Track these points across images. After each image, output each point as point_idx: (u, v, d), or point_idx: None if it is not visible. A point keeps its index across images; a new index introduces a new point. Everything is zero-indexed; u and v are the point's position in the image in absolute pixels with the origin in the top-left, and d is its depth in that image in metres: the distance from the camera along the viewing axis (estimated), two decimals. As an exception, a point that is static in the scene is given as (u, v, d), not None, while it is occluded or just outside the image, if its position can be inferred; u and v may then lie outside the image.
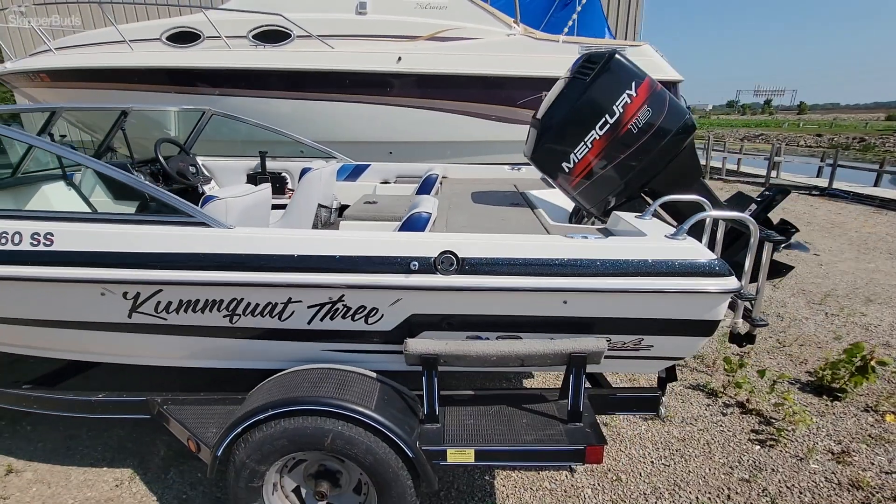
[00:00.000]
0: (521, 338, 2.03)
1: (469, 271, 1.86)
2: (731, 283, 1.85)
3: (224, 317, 1.99)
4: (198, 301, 1.96)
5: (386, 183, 4.08)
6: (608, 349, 2.06)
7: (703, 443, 2.82)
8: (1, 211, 2.05)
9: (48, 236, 1.90)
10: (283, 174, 4.10)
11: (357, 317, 1.97)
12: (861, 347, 3.24)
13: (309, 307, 1.95)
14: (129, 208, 3.37)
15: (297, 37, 5.14)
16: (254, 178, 4.03)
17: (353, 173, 4.18)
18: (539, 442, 1.90)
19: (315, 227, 3.53)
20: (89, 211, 1.99)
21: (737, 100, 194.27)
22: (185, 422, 2.10)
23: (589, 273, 1.86)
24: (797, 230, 2.83)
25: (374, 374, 2.07)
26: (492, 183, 3.75)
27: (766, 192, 2.86)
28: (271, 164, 4.13)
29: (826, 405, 3.16)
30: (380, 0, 5.28)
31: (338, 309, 1.96)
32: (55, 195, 2.79)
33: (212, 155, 4.35)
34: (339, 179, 4.16)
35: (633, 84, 2.39)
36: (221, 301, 1.95)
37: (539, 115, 2.73)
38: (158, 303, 1.98)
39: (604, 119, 2.40)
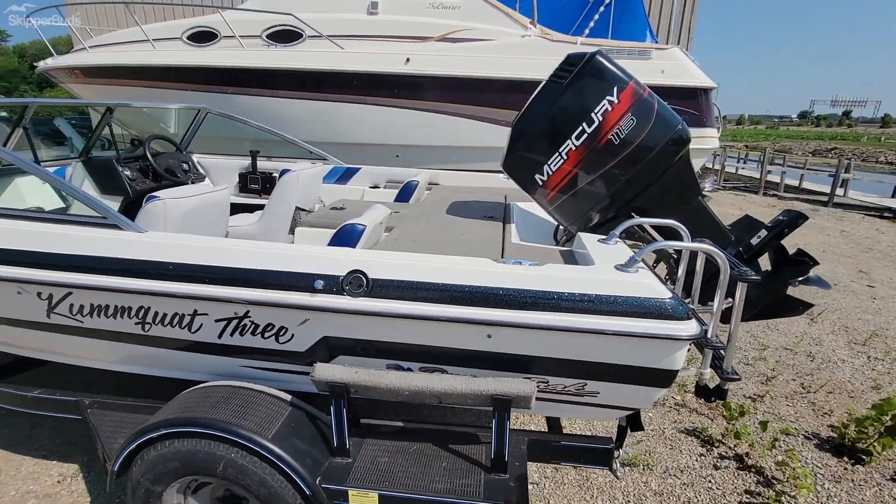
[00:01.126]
0: (445, 371, 1.81)
1: (379, 294, 1.66)
2: (688, 327, 1.55)
3: (136, 324, 1.90)
4: (108, 307, 1.88)
5: (375, 187, 3.94)
6: (548, 392, 1.80)
7: (682, 501, 2.45)
8: None
9: None
10: (274, 174, 4.05)
11: (267, 335, 1.82)
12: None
13: (217, 321, 1.82)
14: (114, 203, 3.42)
15: (309, 37, 5.13)
16: (245, 178, 4.01)
17: (344, 176, 4.07)
18: (450, 493, 1.67)
19: (292, 230, 3.45)
20: (12, 208, 1.98)
21: (810, 110, 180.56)
22: (100, 428, 2.03)
23: (514, 305, 1.61)
24: (815, 263, 2.42)
25: (288, 397, 1.91)
26: (481, 192, 3.51)
27: (781, 218, 2.47)
28: (264, 164, 4.09)
29: (845, 468, 2.69)
30: (392, 1, 5.18)
31: (245, 325, 1.81)
32: (28, 189, 2.86)
33: (214, 153, 4.38)
34: (329, 182, 4.06)
35: (615, 89, 2.10)
36: (131, 308, 1.86)
37: (513, 121, 2.48)
38: (72, 305, 1.91)
39: (581, 128, 2.12)
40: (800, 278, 2.60)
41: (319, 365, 1.75)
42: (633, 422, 2.04)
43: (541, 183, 2.29)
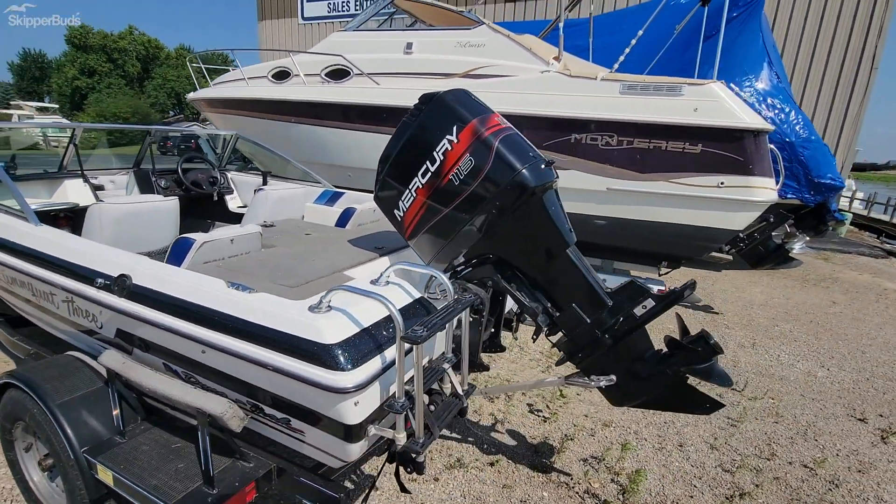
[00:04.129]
0: (197, 380, 1.95)
1: (137, 298, 1.90)
2: (342, 379, 1.46)
3: (31, 295, 2.47)
4: (15, 280, 2.49)
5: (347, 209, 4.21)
6: (267, 420, 1.82)
7: None
8: None
9: None
10: None
11: (87, 318, 2.20)
12: None
13: (63, 301, 2.27)
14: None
15: (356, 75, 5.73)
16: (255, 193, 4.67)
17: (331, 199, 4.44)
18: (155, 490, 1.80)
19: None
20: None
21: None
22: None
23: (212, 326, 1.70)
24: (718, 352, 2.02)
25: (105, 374, 2.24)
26: None
27: (675, 288, 2.08)
28: (273, 183, 4.71)
29: None
30: (425, 40, 5.50)
31: (77, 307, 2.22)
32: (73, 189, 3.85)
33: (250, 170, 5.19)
34: (320, 203, 4.47)
35: (455, 128, 2.06)
36: (28, 284, 2.44)
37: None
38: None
39: (425, 166, 2.12)
40: (695, 366, 2.13)
41: (106, 352, 2.06)
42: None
43: (399, 218, 2.30)
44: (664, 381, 2.13)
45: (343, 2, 15.86)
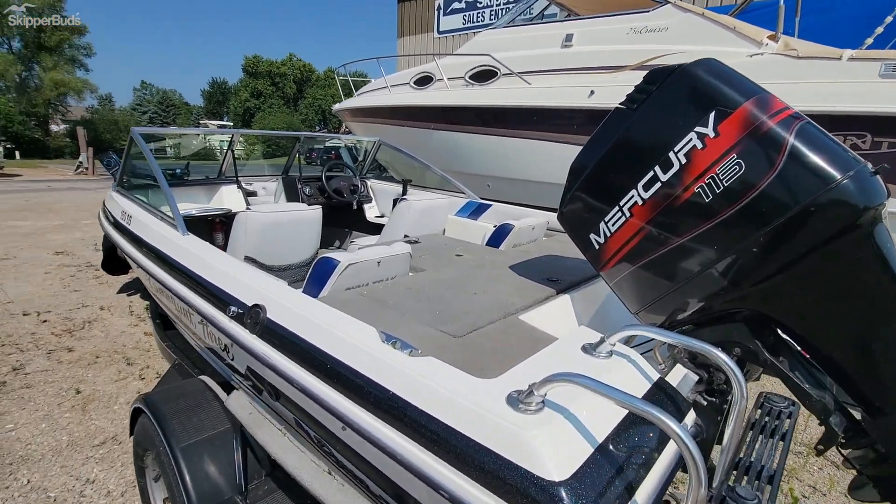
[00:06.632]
0: (330, 450, 1.45)
1: (269, 338, 1.47)
2: None
3: (177, 307, 2.27)
4: (164, 291, 2.32)
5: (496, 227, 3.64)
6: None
7: None
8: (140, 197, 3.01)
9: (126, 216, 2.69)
10: None
11: (220, 344, 1.87)
12: None
13: (198, 322, 1.98)
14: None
15: (503, 75, 5.19)
16: (394, 203, 4.35)
17: (475, 212, 3.93)
18: None
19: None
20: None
21: None
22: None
23: (359, 396, 1.16)
24: None
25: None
26: None
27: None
28: (413, 192, 4.35)
29: None
30: (590, 29, 4.70)
31: (209, 332, 1.91)
32: (228, 195, 3.86)
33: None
34: (463, 215, 3.99)
35: (713, 116, 1.31)
36: (176, 294, 2.23)
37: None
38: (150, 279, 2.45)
39: (651, 173, 1.41)
40: None
41: (234, 394, 1.69)
42: None
43: (595, 245, 1.61)
44: None
45: (478, 14, 15.81)
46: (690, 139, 1.29)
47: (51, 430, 3.05)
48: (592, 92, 4.42)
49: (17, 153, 27.54)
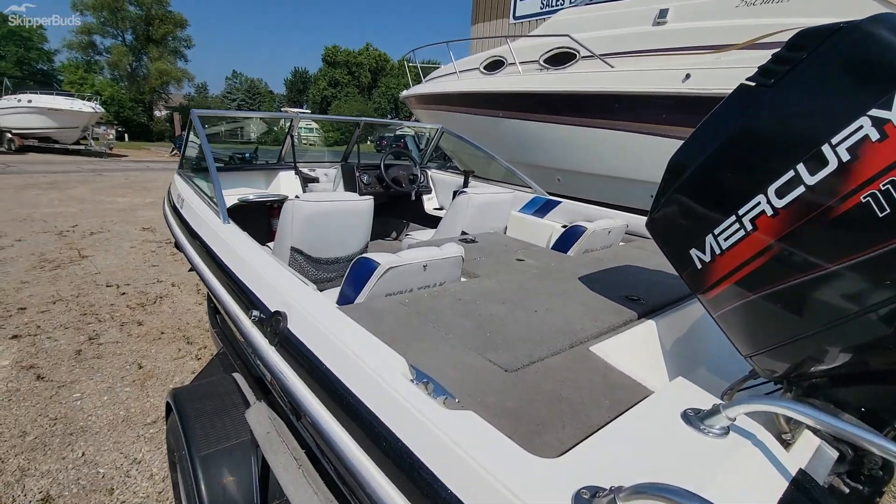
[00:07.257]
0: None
1: (287, 351, 1.25)
2: None
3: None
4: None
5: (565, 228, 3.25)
6: None
7: None
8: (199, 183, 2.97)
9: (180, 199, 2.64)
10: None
11: (246, 346, 1.70)
12: None
13: (230, 318, 1.84)
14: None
15: (582, 57, 4.69)
16: (453, 195, 4.08)
17: (542, 209, 3.57)
18: None
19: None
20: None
21: None
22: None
23: (377, 445, 0.90)
24: None
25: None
26: None
27: None
28: (475, 184, 4.05)
29: None
30: (688, 4, 4.05)
31: (238, 330, 1.75)
32: (286, 181, 3.78)
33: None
34: (528, 212, 3.64)
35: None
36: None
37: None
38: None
39: (791, 173, 1.00)
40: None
41: (253, 408, 1.51)
42: None
43: (699, 265, 1.22)
44: None
45: (557, -4, 14.97)
46: (861, 127, 0.87)
47: (111, 402, 3.15)
48: (688, 75, 3.83)
49: (126, 136, 30.79)
